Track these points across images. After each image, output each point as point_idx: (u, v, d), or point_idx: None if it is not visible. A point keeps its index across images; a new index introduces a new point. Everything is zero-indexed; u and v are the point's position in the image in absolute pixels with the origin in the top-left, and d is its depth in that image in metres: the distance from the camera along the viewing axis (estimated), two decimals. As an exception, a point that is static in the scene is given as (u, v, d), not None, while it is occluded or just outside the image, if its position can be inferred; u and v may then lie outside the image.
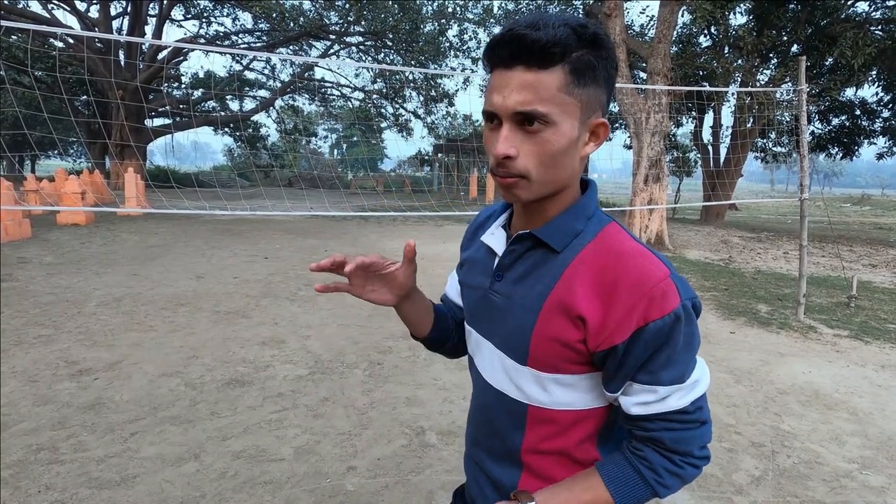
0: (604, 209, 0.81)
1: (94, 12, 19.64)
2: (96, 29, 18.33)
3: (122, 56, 19.33)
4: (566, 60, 0.64)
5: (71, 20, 19.21)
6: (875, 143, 14.90)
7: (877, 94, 13.87)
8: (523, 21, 0.63)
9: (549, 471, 0.78)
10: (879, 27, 11.61)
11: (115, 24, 20.06)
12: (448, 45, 20.24)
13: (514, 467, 0.81)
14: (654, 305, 0.65)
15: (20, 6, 17.83)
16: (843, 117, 15.11)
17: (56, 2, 18.31)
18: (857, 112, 14.68)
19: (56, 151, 33.48)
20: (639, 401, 0.70)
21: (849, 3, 12.05)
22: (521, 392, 0.77)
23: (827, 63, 12.67)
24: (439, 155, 28.96)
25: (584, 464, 0.77)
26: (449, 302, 1.03)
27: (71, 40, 17.44)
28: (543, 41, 0.62)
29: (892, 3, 11.70)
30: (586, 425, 0.77)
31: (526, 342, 0.73)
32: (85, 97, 21.41)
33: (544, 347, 0.72)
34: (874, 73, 12.57)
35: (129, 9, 19.28)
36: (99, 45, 18.03)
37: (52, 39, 18.01)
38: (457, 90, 27.03)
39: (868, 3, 12.13)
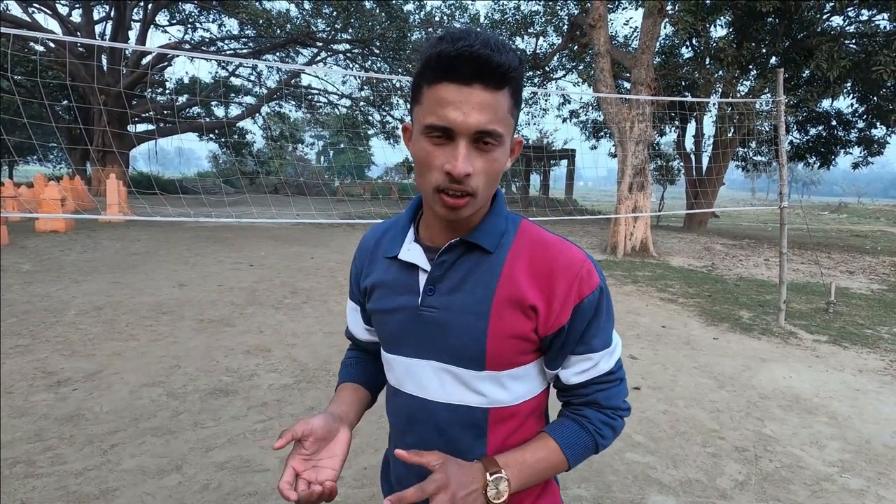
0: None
1: (76, 16, 19.38)
2: (79, 33, 18.08)
3: (104, 61, 19.08)
4: (510, 84, 0.67)
5: (52, 24, 18.92)
6: (851, 153, 15.30)
7: (852, 105, 14.28)
8: (475, 40, 0.64)
9: None
10: (853, 41, 11.98)
11: (98, 28, 19.81)
12: (435, 53, 20.25)
13: None
14: (585, 283, 0.74)
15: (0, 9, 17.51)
16: (821, 128, 15.52)
17: (37, 5, 18.02)
18: (834, 123, 15.08)
19: (35, 157, 32.81)
20: (577, 370, 0.78)
21: (824, 17, 12.41)
22: (481, 398, 0.76)
23: (804, 75, 13.02)
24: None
25: None
26: (359, 342, 0.97)
27: (52, 45, 17.17)
28: (506, 65, 0.64)
29: (865, 18, 12.09)
30: (538, 409, 0.83)
31: (482, 347, 0.74)
32: (66, 102, 21.05)
33: (501, 346, 0.74)
34: (849, 85, 12.94)
35: (112, 13, 19.07)
36: (81, 49, 17.77)
37: (32, 43, 17.71)
38: (444, 98, 27.05)
39: (843, 17, 12.50)
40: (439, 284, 0.76)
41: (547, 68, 17.92)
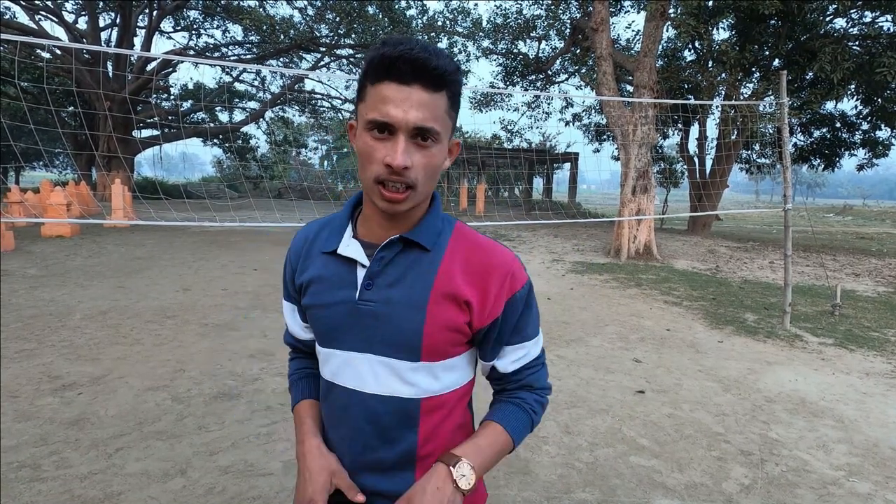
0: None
1: (82, 24, 19.55)
2: (84, 40, 18.24)
3: (110, 67, 19.23)
4: (448, 87, 0.73)
5: (59, 31, 19.08)
6: (855, 155, 15.23)
7: (856, 107, 14.21)
8: (414, 45, 0.70)
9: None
10: (857, 43, 11.95)
11: (104, 35, 19.98)
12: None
13: (408, 472, 0.83)
14: (515, 279, 0.82)
15: (6, 17, 17.70)
16: (824, 130, 15.45)
17: (43, 13, 18.20)
18: (838, 124, 15.02)
19: (41, 162, 33.05)
20: (513, 358, 0.87)
21: (827, 19, 12.39)
22: (414, 388, 0.81)
23: (807, 77, 12.98)
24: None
25: (465, 426, 0.89)
26: (300, 342, 0.99)
27: (58, 51, 17.33)
28: (442, 69, 0.70)
29: (868, 19, 12.06)
30: (466, 397, 0.89)
31: (418, 339, 0.78)
32: (72, 108, 21.22)
33: (437, 338, 0.79)
34: (853, 87, 12.89)
35: (117, 20, 19.24)
36: (87, 56, 17.93)
37: (38, 50, 17.88)
38: (446, 102, 27.11)
39: (846, 19, 12.48)
40: (377, 279, 0.79)
41: (549, 72, 17.94)
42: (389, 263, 0.80)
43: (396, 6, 18.07)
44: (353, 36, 18.38)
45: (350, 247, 0.82)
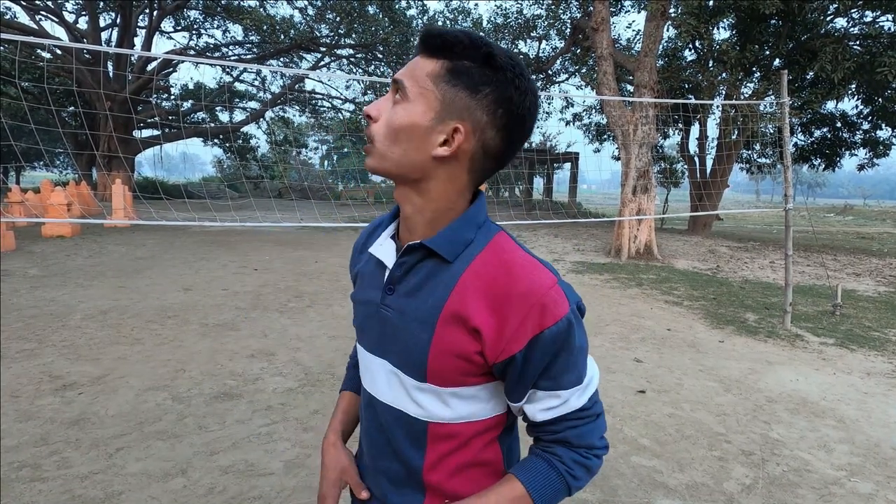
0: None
1: (82, 24, 19.56)
2: (85, 40, 18.25)
3: (110, 67, 19.24)
4: (448, 58, 0.67)
5: (59, 31, 19.10)
6: (856, 155, 15.21)
7: (856, 107, 14.20)
8: (440, 28, 0.70)
9: (455, 488, 0.75)
10: (858, 42, 11.94)
11: (104, 35, 20.00)
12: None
13: (417, 492, 0.77)
14: (547, 313, 0.66)
15: (7, 17, 17.70)
16: (825, 129, 15.44)
17: (44, 13, 18.21)
18: (839, 124, 15.01)
19: (42, 162, 33.08)
20: (543, 407, 0.72)
21: (828, 18, 12.38)
22: (421, 409, 0.74)
23: (808, 77, 12.97)
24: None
25: (488, 464, 0.77)
26: None
27: (59, 51, 17.34)
28: (435, 34, 0.68)
29: (869, 19, 12.05)
30: (489, 434, 0.77)
31: (424, 358, 0.71)
32: (72, 108, 21.24)
33: (443, 362, 0.70)
34: (853, 86, 12.88)
35: (118, 20, 19.24)
36: (87, 56, 17.93)
37: (39, 50, 17.89)
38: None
39: (846, 19, 12.47)
40: (398, 285, 0.74)
41: (550, 72, 17.94)
42: (411, 270, 0.73)
43: (397, 6, 18.08)
44: (354, 36, 18.39)
45: (383, 246, 0.79)
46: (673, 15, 10.06)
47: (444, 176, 0.70)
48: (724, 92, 12.72)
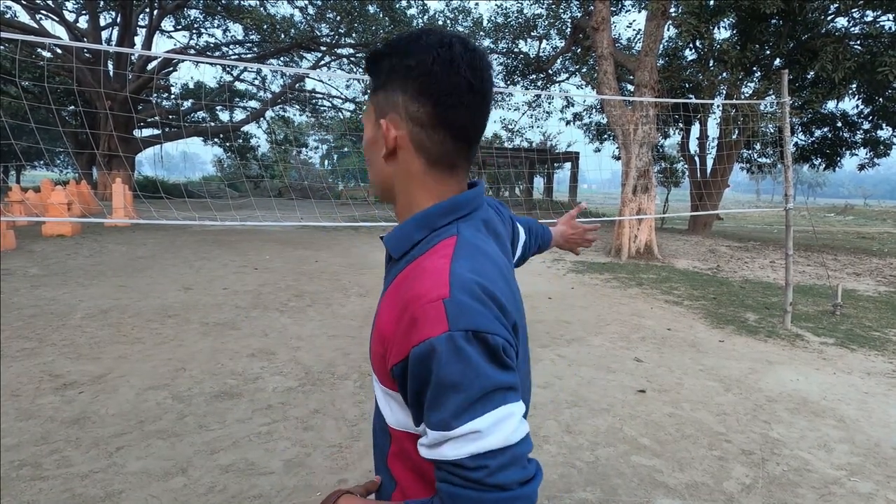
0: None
1: (83, 23, 19.57)
2: (85, 39, 18.25)
3: (111, 66, 19.24)
4: (373, 73, 0.72)
5: (59, 30, 19.11)
6: (857, 155, 15.22)
7: (857, 106, 14.20)
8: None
9: (409, 489, 0.70)
10: (858, 42, 11.93)
11: (105, 34, 20.00)
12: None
13: (389, 478, 0.73)
14: (416, 329, 0.57)
15: (7, 16, 17.71)
16: (826, 129, 15.44)
17: (44, 12, 18.22)
18: (839, 124, 15.01)
19: (42, 162, 33.10)
20: (421, 441, 0.61)
21: (829, 18, 12.38)
22: (382, 404, 0.71)
23: (808, 76, 12.97)
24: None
25: (426, 479, 0.67)
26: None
27: (59, 50, 17.33)
28: (367, 63, 0.73)
29: (869, 19, 12.04)
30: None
31: (370, 355, 0.70)
32: (73, 107, 21.24)
33: (374, 363, 0.68)
34: (854, 86, 12.88)
35: (118, 19, 19.24)
36: (88, 55, 17.93)
37: (39, 49, 17.89)
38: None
39: (847, 18, 12.46)
40: (386, 279, 0.75)
41: (550, 71, 17.93)
42: (387, 268, 0.76)
43: (397, 5, 18.07)
44: (354, 35, 18.39)
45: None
46: (673, 14, 10.06)
47: (402, 173, 0.70)
48: (724, 91, 12.71)
